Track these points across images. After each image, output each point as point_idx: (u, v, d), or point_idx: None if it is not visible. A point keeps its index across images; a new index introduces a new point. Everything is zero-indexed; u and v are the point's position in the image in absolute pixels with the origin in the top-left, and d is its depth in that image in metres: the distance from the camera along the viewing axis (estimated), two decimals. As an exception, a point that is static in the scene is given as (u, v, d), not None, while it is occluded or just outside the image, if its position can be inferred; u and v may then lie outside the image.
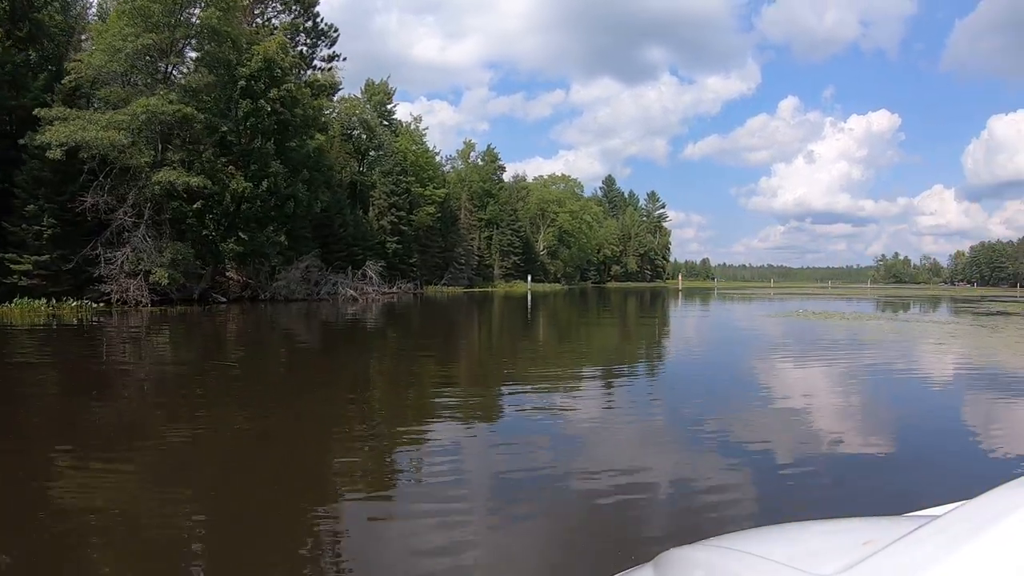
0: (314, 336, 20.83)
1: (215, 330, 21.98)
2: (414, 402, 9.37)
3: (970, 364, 13.86)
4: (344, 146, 63.36)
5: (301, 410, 8.68)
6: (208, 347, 16.96)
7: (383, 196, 60.09)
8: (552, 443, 6.88)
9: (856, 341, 17.59)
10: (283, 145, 33.56)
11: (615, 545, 4.27)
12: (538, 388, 10.22)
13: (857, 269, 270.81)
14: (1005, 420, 8.36)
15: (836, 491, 5.35)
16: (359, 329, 23.27)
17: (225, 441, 7.12)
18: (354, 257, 50.34)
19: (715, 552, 1.27)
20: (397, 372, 12.75)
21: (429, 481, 5.72)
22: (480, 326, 26.56)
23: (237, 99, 31.57)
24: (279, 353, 15.92)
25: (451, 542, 4.32)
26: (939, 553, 0.96)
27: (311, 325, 24.50)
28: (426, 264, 63.65)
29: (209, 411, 8.60)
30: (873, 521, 1.35)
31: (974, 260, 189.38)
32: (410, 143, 66.87)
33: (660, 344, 19.01)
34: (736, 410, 8.61)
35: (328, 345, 18.21)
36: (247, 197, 31.36)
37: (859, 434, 7.43)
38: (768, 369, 12.80)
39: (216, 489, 5.49)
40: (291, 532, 4.63)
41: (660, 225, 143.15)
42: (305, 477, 5.96)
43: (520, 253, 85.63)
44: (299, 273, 36.26)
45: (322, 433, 7.62)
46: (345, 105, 65.40)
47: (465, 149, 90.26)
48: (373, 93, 69.87)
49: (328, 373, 12.52)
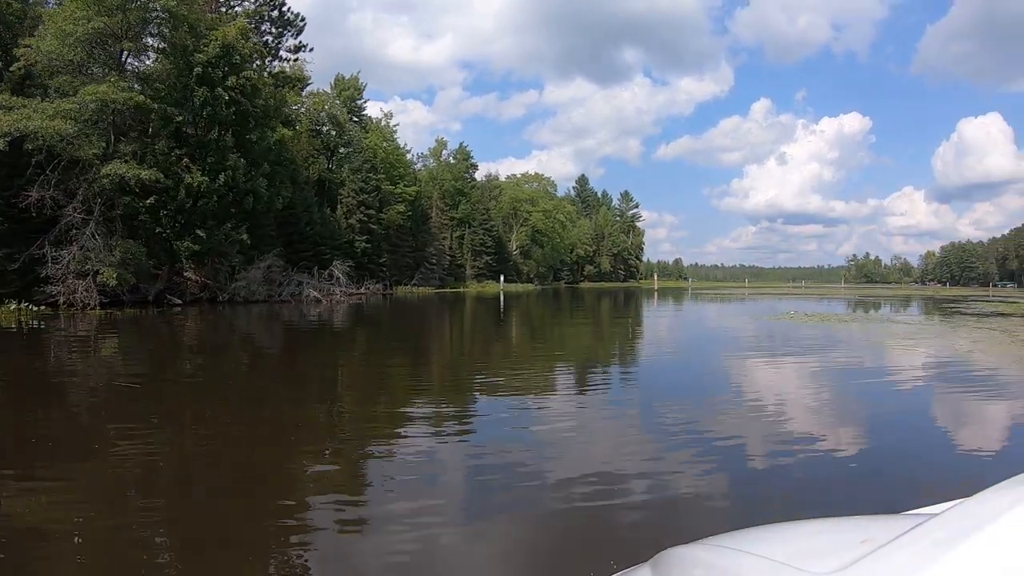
0: (269, 342, 19.22)
1: (159, 335, 20.19)
2: (378, 414, 7.98)
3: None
4: (313, 142, 61.50)
5: (252, 427, 7.37)
6: (142, 355, 15.27)
7: (352, 194, 58.24)
8: (536, 467, 5.85)
9: (893, 350, 15.06)
10: (243, 138, 31.68)
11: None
12: (513, 407, 8.86)
13: (828, 269, 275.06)
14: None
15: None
16: (320, 334, 21.69)
17: (161, 463, 5.70)
18: (321, 256, 48.58)
19: (713, 551, 1.28)
20: (359, 383, 11.28)
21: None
22: (451, 329, 25.13)
23: (193, 87, 29.62)
24: (224, 362, 14.33)
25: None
26: (936, 551, 0.96)
27: (267, 329, 22.83)
28: (396, 264, 61.93)
29: (132, 431, 7.06)
30: (870, 520, 1.35)
31: (944, 260, 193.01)
32: (380, 139, 65.11)
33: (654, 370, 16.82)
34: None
35: (284, 353, 16.63)
36: (203, 192, 29.43)
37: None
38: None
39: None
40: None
41: (633, 225, 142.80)
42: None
43: (492, 253, 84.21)
44: (260, 273, 34.37)
45: (277, 453, 6.44)
46: (314, 100, 63.55)
47: (437, 147, 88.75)
48: (343, 88, 68.04)
49: (283, 384, 11.01)
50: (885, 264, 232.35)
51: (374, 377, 11.73)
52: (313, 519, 4.75)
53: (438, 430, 7.35)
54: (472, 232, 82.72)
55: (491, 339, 20.40)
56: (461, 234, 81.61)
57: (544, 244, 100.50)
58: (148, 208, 29.18)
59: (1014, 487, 1.11)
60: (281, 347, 17.51)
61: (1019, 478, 1.17)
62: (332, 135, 65.84)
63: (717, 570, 1.19)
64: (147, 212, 29.24)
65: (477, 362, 14.53)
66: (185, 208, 29.70)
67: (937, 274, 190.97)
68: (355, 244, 55.49)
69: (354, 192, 58.36)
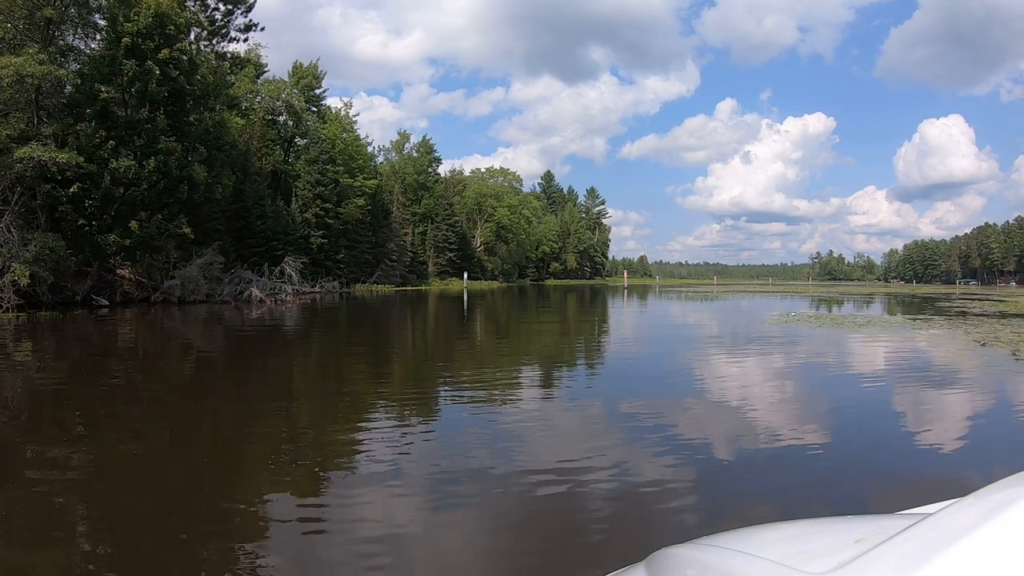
0: (191, 354, 16.33)
1: (57, 345, 17.11)
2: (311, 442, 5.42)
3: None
4: (268, 132, 58.10)
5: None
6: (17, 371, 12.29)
7: (308, 186, 54.96)
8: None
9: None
10: (180, 119, 28.43)
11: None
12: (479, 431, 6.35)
13: (792, 266, 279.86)
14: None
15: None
16: (256, 341, 18.84)
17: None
18: (273, 252, 45.42)
19: (708, 551, 1.27)
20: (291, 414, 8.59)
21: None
22: (410, 331, 22.44)
23: (121, 60, 26.29)
24: (124, 379, 11.47)
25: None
26: (930, 551, 0.96)
27: (193, 338, 19.89)
28: (355, 261, 58.78)
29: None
30: (865, 519, 1.34)
31: (908, 258, 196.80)
32: (339, 130, 61.73)
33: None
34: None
35: (206, 368, 13.81)
36: (131, 179, 26.12)
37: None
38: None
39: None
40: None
41: (599, 222, 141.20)
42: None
43: (456, 249, 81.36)
44: (196, 271, 30.99)
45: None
46: (268, 87, 60.06)
47: (399, 140, 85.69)
48: (301, 76, 64.50)
49: (207, 412, 8.27)
50: (848, 262, 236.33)
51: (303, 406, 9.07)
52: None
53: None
54: (435, 228, 79.80)
55: (452, 341, 17.78)
56: (424, 230, 78.61)
57: (509, 240, 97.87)
58: (70, 197, 25.85)
59: (1008, 487, 1.11)
60: (231, 358, 14.65)
61: (1012, 478, 1.17)
62: (289, 125, 62.54)
63: (712, 570, 1.17)
64: (69, 202, 25.89)
65: (441, 388, 11.91)
66: (112, 197, 26.35)
67: (900, 272, 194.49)
68: (311, 239, 52.29)
69: (310, 185, 55.08)
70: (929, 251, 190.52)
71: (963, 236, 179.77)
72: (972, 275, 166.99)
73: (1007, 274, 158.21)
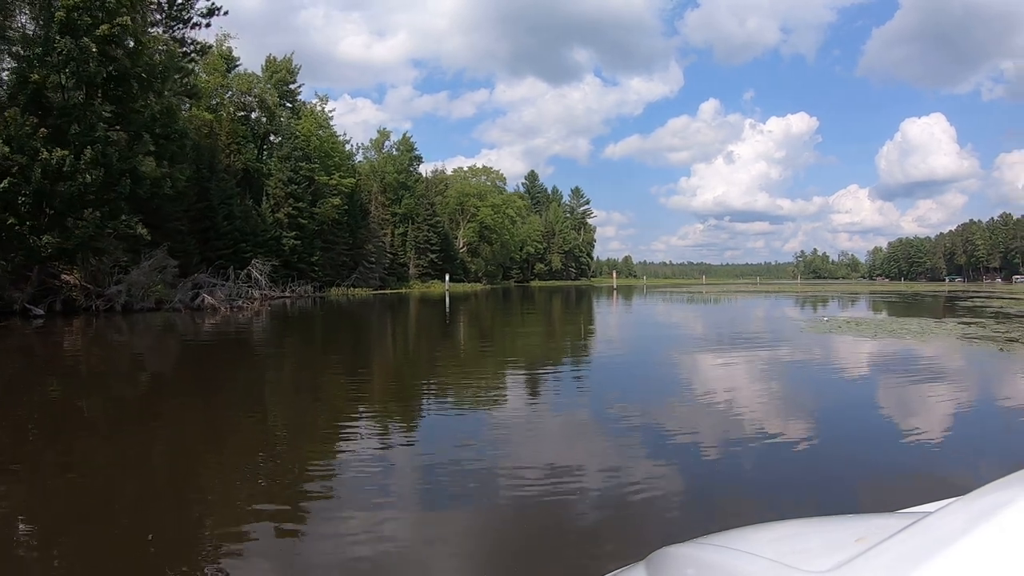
0: (121, 378, 13.49)
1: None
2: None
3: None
4: (239, 128, 55.04)
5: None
6: None
7: (279, 184, 51.82)
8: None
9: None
10: (125, 106, 25.40)
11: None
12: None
13: (776, 265, 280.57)
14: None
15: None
16: (180, 361, 16.02)
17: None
18: (242, 255, 42.47)
19: (708, 550, 1.26)
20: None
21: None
22: (385, 342, 19.70)
23: (55, 37, 23.25)
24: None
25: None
26: (931, 550, 0.95)
27: (102, 356, 17.03)
28: (331, 263, 55.74)
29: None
30: (865, 518, 1.33)
31: (892, 255, 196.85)
32: (315, 126, 58.62)
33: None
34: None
35: (132, 400, 11.00)
36: (65, 172, 23.05)
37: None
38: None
39: None
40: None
41: (584, 222, 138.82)
42: None
43: (438, 250, 78.46)
44: (143, 275, 27.80)
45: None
46: (239, 81, 56.93)
47: (379, 138, 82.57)
48: (274, 71, 61.31)
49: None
50: (833, 260, 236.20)
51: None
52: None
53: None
54: (416, 228, 76.86)
55: (430, 358, 15.04)
56: (404, 231, 75.65)
57: (493, 241, 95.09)
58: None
59: (1008, 485, 1.10)
60: (167, 385, 11.80)
61: (1013, 476, 1.16)
62: (263, 122, 59.46)
63: (712, 569, 1.16)
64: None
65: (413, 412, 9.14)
66: (44, 192, 23.29)
67: (886, 269, 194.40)
68: (283, 241, 49.24)
69: (282, 183, 51.96)
70: (914, 248, 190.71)
71: (948, 233, 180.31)
72: (958, 272, 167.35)
73: (992, 271, 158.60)
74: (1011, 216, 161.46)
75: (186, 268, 37.99)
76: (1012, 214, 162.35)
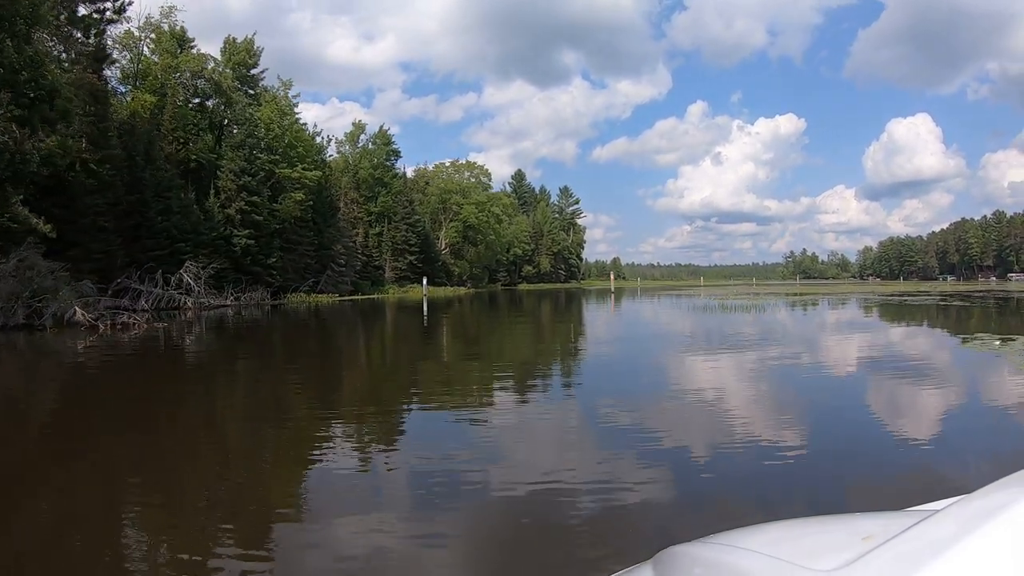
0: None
1: None
2: None
3: None
4: (189, 114, 48.44)
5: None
6: None
7: (231, 176, 45.01)
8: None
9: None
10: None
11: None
12: None
13: (764, 266, 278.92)
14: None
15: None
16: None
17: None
18: (180, 255, 35.93)
19: (715, 549, 1.26)
20: None
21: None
22: (330, 378, 13.34)
23: None
24: None
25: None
26: (938, 548, 0.95)
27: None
28: (293, 265, 49.04)
29: None
30: (872, 516, 1.32)
31: (883, 255, 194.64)
32: (276, 114, 52.04)
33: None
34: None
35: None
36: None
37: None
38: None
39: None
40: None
41: (574, 222, 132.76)
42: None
43: (417, 252, 71.89)
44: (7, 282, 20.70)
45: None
46: (188, 61, 50.23)
47: (354, 131, 76.14)
48: (233, 52, 54.62)
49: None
50: (822, 260, 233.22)
51: None
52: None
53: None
54: (393, 228, 70.31)
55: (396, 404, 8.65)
56: (380, 230, 69.10)
57: (478, 242, 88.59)
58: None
59: (1016, 483, 1.10)
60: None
61: (1021, 474, 1.16)
62: (221, 109, 52.82)
63: (719, 568, 1.15)
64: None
65: None
66: None
67: (876, 269, 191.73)
68: (233, 240, 42.53)
69: (233, 175, 45.08)
70: (905, 248, 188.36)
71: (940, 232, 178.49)
72: (950, 271, 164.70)
73: (986, 268, 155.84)
74: (1004, 214, 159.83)
75: (109, 272, 31.49)
76: (1005, 212, 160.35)
